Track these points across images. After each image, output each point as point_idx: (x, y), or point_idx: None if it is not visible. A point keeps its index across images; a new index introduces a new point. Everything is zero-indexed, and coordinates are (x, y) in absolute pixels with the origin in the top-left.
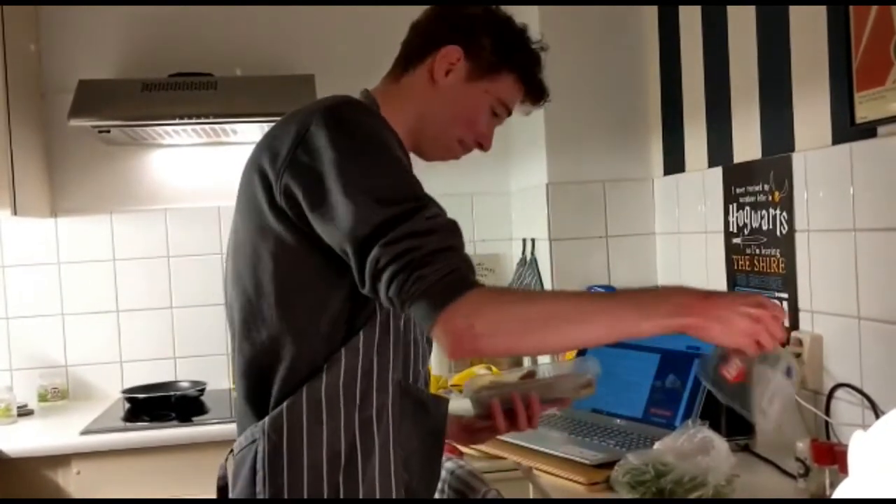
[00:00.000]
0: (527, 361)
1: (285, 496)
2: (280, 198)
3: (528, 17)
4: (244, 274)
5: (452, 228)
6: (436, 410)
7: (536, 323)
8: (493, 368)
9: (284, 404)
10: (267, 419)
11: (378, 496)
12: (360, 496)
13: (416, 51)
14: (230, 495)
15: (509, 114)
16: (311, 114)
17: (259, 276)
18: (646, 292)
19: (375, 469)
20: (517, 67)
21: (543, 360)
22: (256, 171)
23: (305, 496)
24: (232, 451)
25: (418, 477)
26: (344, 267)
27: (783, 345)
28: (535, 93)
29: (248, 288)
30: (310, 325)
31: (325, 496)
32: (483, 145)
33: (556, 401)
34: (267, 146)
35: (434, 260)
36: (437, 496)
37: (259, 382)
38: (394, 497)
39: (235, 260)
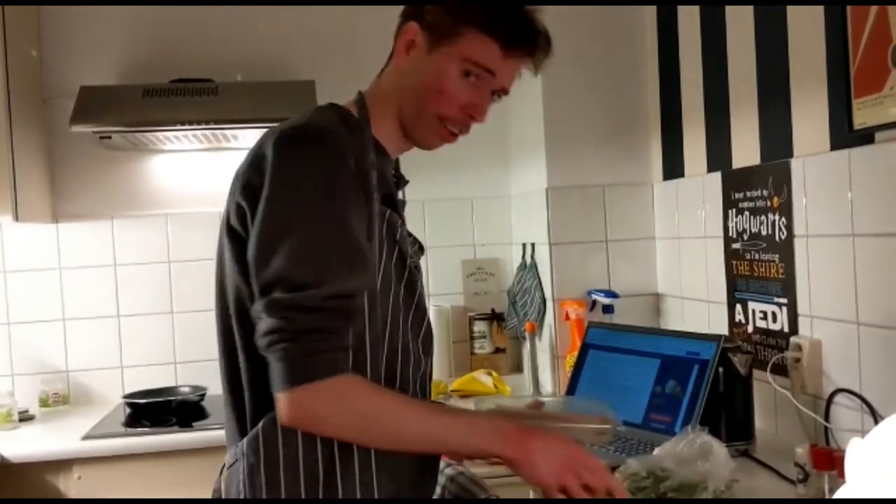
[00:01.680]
0: (526, 365)
1: None
2: (234, 219)
3: None
4: (220, 293)
5: (341, 310)
6: None
7: (371, 433)
8: (494, 373)
9: (260, 424)
10: (245, 440)
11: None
12: None
13: (393, 42)
14: None
15: (492, 74)
16: (272, 136)
17: (228, 295)
18: (476, 417)
19: (356, 482)
20: (476, 19)
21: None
22: (231, 188)
23: None
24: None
25: (409, 486)
26: None
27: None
28: (515, 37)
29: (224, 305)
30: None
31: None
32: (474, 117)
33: None
34: (244, 162)
35: (308, 338)
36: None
37: (239, 398)
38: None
39: (217, 276)
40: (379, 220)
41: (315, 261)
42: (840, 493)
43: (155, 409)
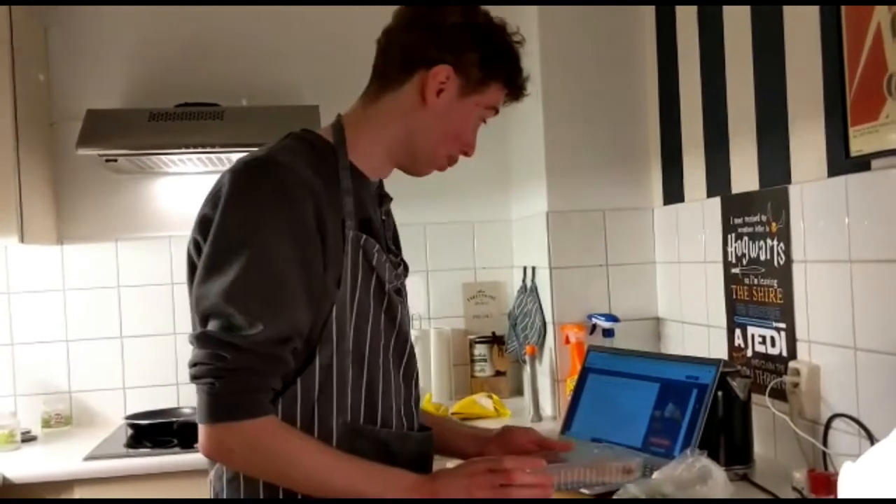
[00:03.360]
0: (527, 389)
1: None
2: (193, 251)
3: (528, 49)
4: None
5: (272, 354)
6: (402, 449)
7: (283, 476)
8: (494, 397)
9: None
10: (212, 472)
11: None
12: None
13: (398, 67)
14: None
15: (496, 112)
16: (230, 171)
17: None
18: (391, 470)
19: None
20: (503, 74)
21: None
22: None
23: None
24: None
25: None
26: None
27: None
28: (518, 92)
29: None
30: None
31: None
32: (468, 153)
33: (595, 484)
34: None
35: (233, 377)
36: None
37: None
38: None
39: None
40: (353, 246)
41: (251, 299)
42: None
43: (157, 431)
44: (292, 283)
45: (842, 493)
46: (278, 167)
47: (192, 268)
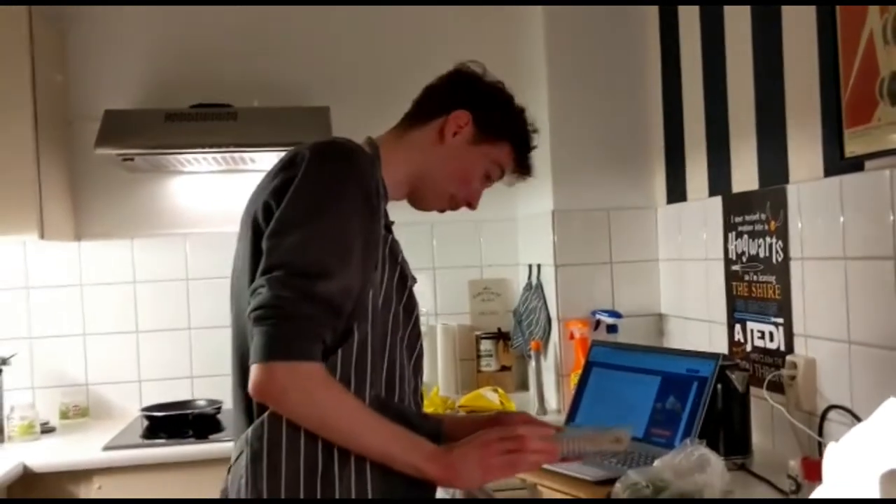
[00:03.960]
0: (532, 383)
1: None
2: (261, 218)
3: (534, 50)
4: (241, 296)
5: (334, 305)
6: (421, 427)
7: (322, 422)
8: (500, 390)
9: (265, 415)
10: (250, 429)
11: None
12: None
13: (427, 110)
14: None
15: (501, 177)
16: (311, 145)
17: (246, 292)
18: (418, 437)
19: (351, 479)
20: (515, 139)
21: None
22: (255, 198)
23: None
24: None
25: (403, 489)
26: None
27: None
28: (524, 165)
29: (242, 304)
30: None
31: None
32: (471, 205)
33: (591, 453)
34: (267, 176)
35: (297, 320)
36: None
37: (248, 394)
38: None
39: (234, 278)
40: (382, 242)
41: (323, 254)
42: (816, 492)
43: (172, 422)
44: (356, 252)
45: (826, 473)
46: (355, 152)
47: (256, 229)
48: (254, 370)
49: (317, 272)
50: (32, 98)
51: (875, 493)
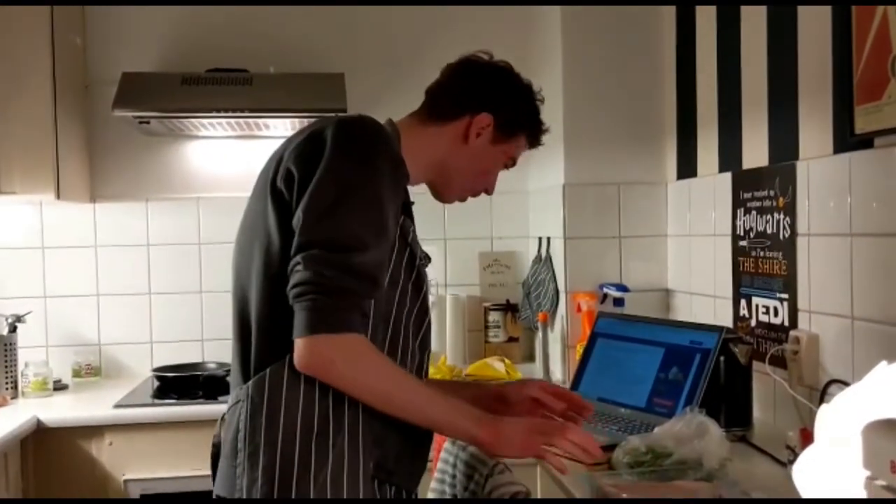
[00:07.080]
0: (538, 354)
1: (261, 454)
2: (280, 181)
3: (550, 24)
4: (246, 249)
5: (372, 278)
6: None
7: (368, 389)
8: (507, 360)
9: (268, 369)
10: (251, 382)
11: (346, 467)
12: (329, 463)
13: (448, 108)
14: (221, 454)
15: (514, 165)
16: (331, 121)
17: (255, 253)
18: (459, 402)
19: (345, 442)
20: (529, 130)
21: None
22: (275, 160)
23: (279, 455)
24: (224, 414)
25: (395, 454)
26: None
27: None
28: (535, 145)
29: (247, 262)
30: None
31: (297, 457)
32: (488, 192)
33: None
34: (290, 140)
35: (338, 294)
36: (448, 471)
37: (246, 344)
38: (360, 468)
39: (242, 236)
40: (395, 221)
41: (360, 227)
42: (806, 453)
43: (182, 383)
44: (389, 226)
45: (817, 434)
46: (381, 130)
47: (275, 193)
48: (298, 344)
49: (353, 245)
50: (51, 60)
51: (858, 446)
